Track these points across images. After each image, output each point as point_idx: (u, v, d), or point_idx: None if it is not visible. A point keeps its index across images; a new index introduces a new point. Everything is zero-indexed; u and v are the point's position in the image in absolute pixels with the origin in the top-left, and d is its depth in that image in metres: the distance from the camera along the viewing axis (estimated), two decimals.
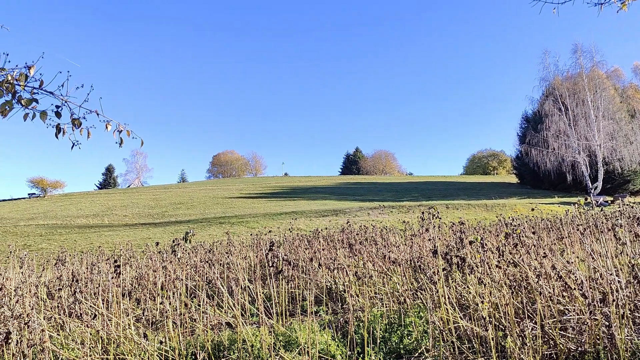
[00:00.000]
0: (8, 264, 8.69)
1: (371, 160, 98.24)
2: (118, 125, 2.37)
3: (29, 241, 17.74)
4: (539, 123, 36.29)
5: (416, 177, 74.72)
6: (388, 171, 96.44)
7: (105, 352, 3.65)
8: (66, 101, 2.22)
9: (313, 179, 67.02)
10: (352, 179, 68.08)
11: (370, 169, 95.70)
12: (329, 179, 69.06)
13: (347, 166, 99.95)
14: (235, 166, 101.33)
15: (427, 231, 6.02)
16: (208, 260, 7.23)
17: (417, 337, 3.68)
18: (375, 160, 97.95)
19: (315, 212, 21.44)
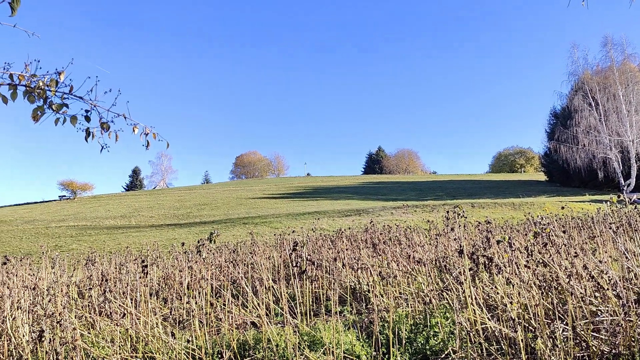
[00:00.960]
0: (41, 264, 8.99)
1: (394, 160, 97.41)
2: (144, 128, 2.43)
3: (60, 242, 18.34)
4: (568, 119, 35.26)
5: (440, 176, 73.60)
6: (411, 170, 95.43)
7: (134, 350, 3.73)
8: (95, 105, 2.29)
9: (335, 179, 66.98)
10: (375, 178, 67.70)
11: (393, 168, 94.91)
12: (351, 178, 68.88)
13: (369, 165, 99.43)
14: (258, 167, 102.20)
15: (453, 230, 5.92)
16: (232, 260, 7.31)
17: (443, 338, 3.62)
18: (398, 159, 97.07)
19: (338, 212, 21.42)
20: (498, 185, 43.76)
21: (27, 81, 2.16)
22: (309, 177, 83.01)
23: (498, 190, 36.55)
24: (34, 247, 17.58)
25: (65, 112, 2.25)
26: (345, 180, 61.48)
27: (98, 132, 2.35)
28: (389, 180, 58.07)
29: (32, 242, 19.31)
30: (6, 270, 7.11)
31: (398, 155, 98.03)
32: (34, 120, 2.16)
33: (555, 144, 35.49)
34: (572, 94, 36.16)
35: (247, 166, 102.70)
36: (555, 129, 36.64)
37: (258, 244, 9.26)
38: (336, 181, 60.44)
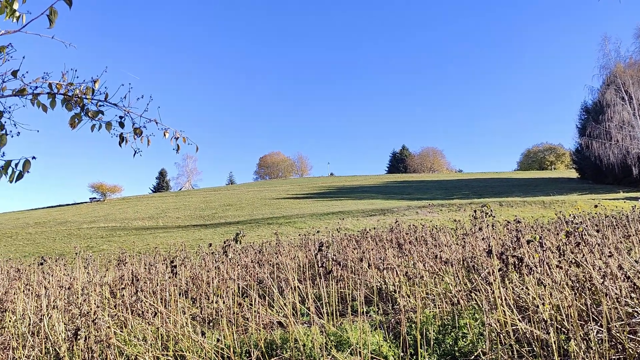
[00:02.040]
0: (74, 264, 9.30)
1: (418, 158, 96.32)
2: (175, 133, 2.49)
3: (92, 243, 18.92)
4: (600, 114, 34.09)
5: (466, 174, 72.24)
6: (436, 169, 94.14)
7: (165, 348, 3.80)
8: (128, 112, 2.36)
9: (359, 179, 66.73)
10: (399, 177, 67.10)
11: (417, 166, 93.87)
12: (375, 178, 68.50)
13: (393, 164, 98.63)
14: (282, 167, 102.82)
15: (481, 230, 5.81)
16: (258, 260, 7.38)
17: (472, 340, 3.56)
18: (423, 158, 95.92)
19: (362, 212, 21.34)
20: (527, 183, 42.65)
21: (64, 90, 2.25)
22: (332, 177, 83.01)
23: (527, 189, 35.62)
24: (67, 247, 18.20)
25: (100, 119, 2.33)
26: (369, 180, 61.17)
27: (131, 137, 2.42)
28: (414, 179, 57.46)
29: (65, 243, 20.00)
30: (42, 270, 7.40)
31: (422, 154, 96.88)
32: (71, 127, 2.25)
33: (586, 140, 34.38)
34: (603, 88, 34.94)
35: (271, 167, 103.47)
36: (587, 125, 35.50)
37: (283, 244, 9.32)
38: (360, 181, 60.21)
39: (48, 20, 1.98)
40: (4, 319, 4.79)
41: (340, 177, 78.27)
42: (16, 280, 6.33)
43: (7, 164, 1.74)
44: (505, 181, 46.37)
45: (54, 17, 1.98)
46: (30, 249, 18.92)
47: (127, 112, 2.36)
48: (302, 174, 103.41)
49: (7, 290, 5.90)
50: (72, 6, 1.92)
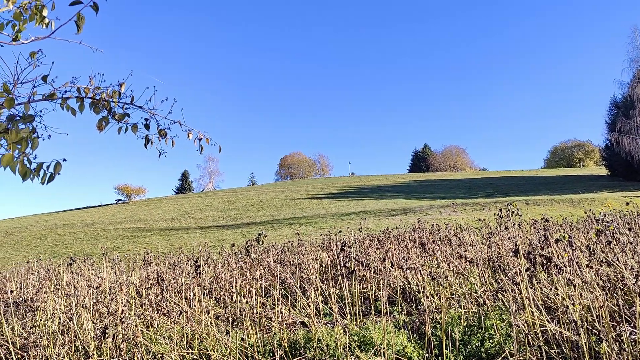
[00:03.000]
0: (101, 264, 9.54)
1: (441, 157, 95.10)
2: (198, 134, 2.52)
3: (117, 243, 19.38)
4: (630, 109, 32.96)
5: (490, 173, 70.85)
6: (459, 167, 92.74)
7: (190, 347, 3.85)
8: (153, 114, 2.41)
9: (380, 178, 66.34)
10: (421, 176, 66.38)
11: (440, 165, 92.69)
12: (397, 177, 67.97)
13: (415, 163, 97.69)
14: (302, 167, 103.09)
15: (507, 229, 5.68)
16: (280, 260, 7.41)
17: (499, 341, 3.49)
18: (445, 157, 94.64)
19: (384, 212, 21.20)
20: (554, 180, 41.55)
21: (92, 93, 2.31)
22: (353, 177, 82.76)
23: (554, 186, 34.71)
24: (94, 248, 18.70)
25: (126, 122, 2.39)
26: (391, 179, 60.75)
27: (156, 138, 2.47)
28: (436, 178, 56.77)
29: (92, 243, 20.54)
30: (71, 270, 7.61)
31: (445, 153, 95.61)
32: (99, 129, 2.31)
33: (616, 136, 33.29)
34: (634, 82, 33.78)
35: (292, 167, 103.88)
36: (617, 120, 34.38)
37: (305, 244, 9.34)
38: (381, 180, 59.85)
39: (76, 26, 2.04)
40: (35, 318, 4.95)
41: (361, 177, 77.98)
42: (46, 280, 6.54)
43: (39, 166, 1.80)
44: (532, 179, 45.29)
45: (82, 22, 2.03)
46: (59, 250, 19.51)
47: (153, 114, 2.41)
48: (323, 174, 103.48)
49: (38, 290, 6.10)
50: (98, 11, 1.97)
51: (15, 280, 7.84)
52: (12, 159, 1.68)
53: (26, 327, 4.80)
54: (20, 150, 1.70)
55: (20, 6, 2.11)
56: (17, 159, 1.70)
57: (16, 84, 2.08)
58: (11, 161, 1.67)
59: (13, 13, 2.13)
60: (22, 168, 1.73)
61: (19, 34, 2.15)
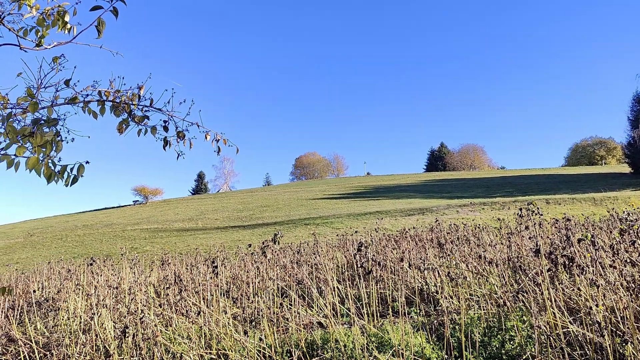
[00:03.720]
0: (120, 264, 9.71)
1: (458, 156, 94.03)
2: (215, 135, 2.55)
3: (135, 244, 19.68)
4: None
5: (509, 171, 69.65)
6: (477, 166, 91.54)
7: (208, 347, 3.89)
8: (172, 116, 2.44)
9: (396, 178, 65.95)
10: (438, 175, 65.74)
11: (457, 164, 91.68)
12: (413, 176, 67.45)
13: (431, 163, 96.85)
14: (318, 167, 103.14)
15: (527, 229, 5.58)
16: (296, 261, 7.42)
17: (520, 343, 3.43)
18: (463, 155, 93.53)
19: (400, 211, 21.07)
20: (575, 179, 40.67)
21: (112, 97, 2.35)
22: (369, 177, 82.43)
23: (576, 185, 33.97)
24: (113, 248, 19.03)
25: (146, 124, 2.43)
26: (407, 179, 60.33)
27: (174, 140, 2.50)
28: (453, 177, 56.14)
29: (111, 244, 20.91)
30: (91, 271, 7.76)
31: (462, 151, 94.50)
32: (119, 132, 2.36)
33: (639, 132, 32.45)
34: None
35: (307, 167, 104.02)
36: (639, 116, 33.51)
37: (320, 245, 9.34)
38: (397, 180, 59.49)
39: (97, 31, 2.08)
40: (57, 317, 5.06)
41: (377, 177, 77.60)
42: (67, 280, 6.68)
43: (63, 168, 1.84)
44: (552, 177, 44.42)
45: (102, 27, 2.07)
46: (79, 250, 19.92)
47: (171, 116, 2.45)
48: (338, 174, 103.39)
49: (60, 290, 6.23)
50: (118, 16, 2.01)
51: (37, 280, 8.02)
52: (37, 161, 1.72)
53: (48, 326, 4.90)
54: (45, 153, 1.74)
55: (43, 12, 2.16)
56: (42, 162, 1.74)
57: (40, 88, 2.14)
58: (36, 164, 1.72)
59: (36, 19, 2.19)
60: (47, 170, 1.77)
61: (42, 39, 2.20)
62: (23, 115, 2.09)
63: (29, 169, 1.71)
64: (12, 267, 13.53)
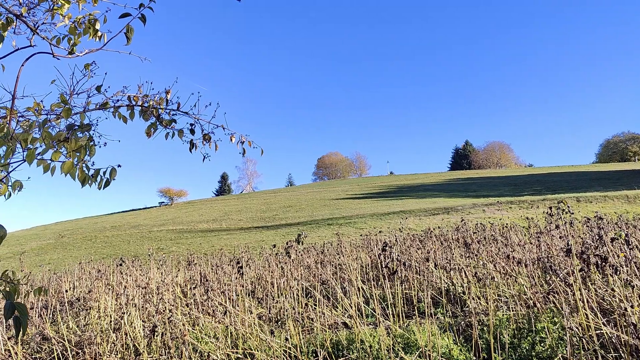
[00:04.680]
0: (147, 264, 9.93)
1: (483, 153, 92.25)
2: (240, 137, 2.59)
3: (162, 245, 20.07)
4: None
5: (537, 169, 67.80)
6: (503, 164, 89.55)
7: (234, 346, 3.93)
8: (198, 119, 2.50)
9: (420, 177, 65.20)
10: (463, 174, 64.61)
11: (482, 162, 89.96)
12: (437, 175, 66.52)
13: (456, 161, 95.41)
14: (340, 167, 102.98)
15: (557, 228, 5.43)
16: (320, 261, 7.43)
17: (551, 344, 3.34)
18: (488, 153, 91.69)
19: (424, 211, 20.83)
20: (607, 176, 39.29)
21: (140, 101, 2.42)
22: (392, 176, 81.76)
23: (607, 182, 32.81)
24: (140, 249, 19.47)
25: (173, 127, 2.49)
26: (431, 178, 59.57)
27: (200, 142, 2.56)
28: (479, 176, 55.07)
29: (138, 245, 21.40)
30: (120, 271, 7.96)
31: (488, 149, 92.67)
32: (147, 135, 2.42)
33: None
34: None
35: (329, 167, 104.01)
36: None
37: (344, 245, 9.32)
38: (421, 179, 58.82)
39: (126, 38, 2.15)
40: (89, 316, 5.21)
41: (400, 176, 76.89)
42: (98, 280, 6.88)
43: (97, 172, 1.90)
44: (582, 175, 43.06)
45: (131, 34, 2.14)
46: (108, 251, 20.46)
47: (197, 120, 2.50)
48: (361, 173, 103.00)
49: (91, 290, 6.42)
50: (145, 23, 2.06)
51: (68, 281, 8.28)
52: (72, 166, 1.78)
53: (80, 325, 5.05)
54: (79, 158, 1.81)
55: (75, 21, 2.24)
56: (76, 166, 1.80)
57: (72, 95, 2.21)
58: (71, 168, 1.78)
59: (68, 28, 2.27)
60: (82, 174, 1.83)
61: (74, 47, 2.28)
62: (57, 121, 2.18)
63: (65, 173, 1.77)
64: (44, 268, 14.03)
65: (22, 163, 1.69)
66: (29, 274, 10.02)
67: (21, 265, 13.28)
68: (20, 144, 1.69)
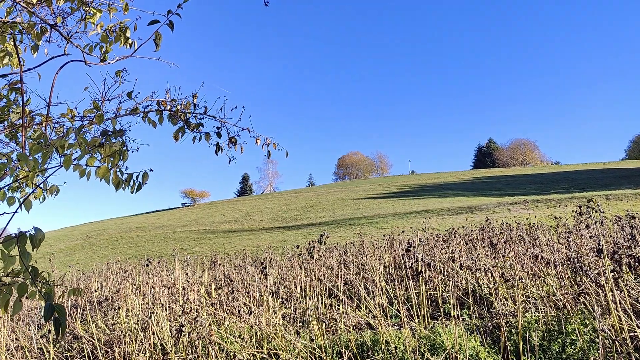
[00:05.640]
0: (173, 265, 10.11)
1: (508, 151, 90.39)
2: (266, 139, 2.62)
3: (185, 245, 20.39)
4: None
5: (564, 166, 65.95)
6: (529, 161, 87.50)
7: (259, 346, 3.97)
8: (224, 122, 2.54)
9: (442, 175, 64.37)
10: (487, 172, 63.45)
11: (507, 160, 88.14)
12: (460, 174, 65.51)
13: (479, 159, 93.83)
14: (361, 167, 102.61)
15: (588, 227, 5.28)
16: (343, 261, 7.42)
17: (582, 347, 3.26)
18: (513, 151, 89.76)
19: (447, 210, 20.56)
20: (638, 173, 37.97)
21: (168, 106, 2.48)
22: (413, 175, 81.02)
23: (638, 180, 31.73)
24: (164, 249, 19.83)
25: (200, 131, 2.54)
26: (453, 176, 58.71)
27: (225, 145, 2.60)
28: (503, 174, 53.99)
29: (162, 245, 21.80)
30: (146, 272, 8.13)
31: (512, 147, 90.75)
32: (175, 139, 2.48)
33: None
34: None
35: (350, 167, 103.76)
36: None
37: (367, 245, 9.28)
38: (443, 178, 58.06)
39: (154, 44, 2.20)
40: (117, 316, 5.34)
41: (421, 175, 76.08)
42: (125, 280, 7.04)
43: (130, 176, 1.96)
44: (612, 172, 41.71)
45: (159, 40, 2.19)
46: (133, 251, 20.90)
47: (224, 123, 2.54)
48: (382, 173, 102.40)
49: (119, 290, 6.57)
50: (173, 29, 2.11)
51: (96, 280, 8.50)
52: (107, 170, 1.85)
53: (108, 324, 5.17)
54: (113, 163, 1.87)
55: (107, 29, 2.31)
56: (110, 171, 1.87)
57: (104, 101, 2.29)
58: (106, 173, 1.85)
59: (100, 36, 2.35)
60: (116, 179, 1.90)
61: (106, 55, 2.36)
62: (89, 127, 2.25)
63: (100, 178, 1.83)
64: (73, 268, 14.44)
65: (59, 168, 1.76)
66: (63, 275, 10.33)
67: (51, 266, 13.72)
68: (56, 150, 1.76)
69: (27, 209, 1.72)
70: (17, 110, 2.29)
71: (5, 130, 2.37)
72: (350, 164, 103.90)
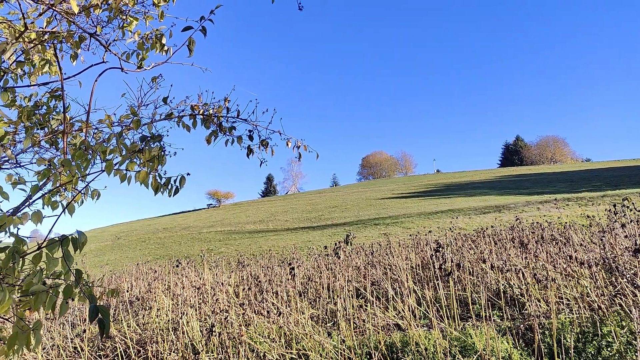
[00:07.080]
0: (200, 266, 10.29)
1: (536, 149, 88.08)
2: (296, 142, 2.65)
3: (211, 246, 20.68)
4: None
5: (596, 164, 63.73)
6: (558, 159, 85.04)
7: (288, 346, 4.01)
8: (256, 125, 2.59)
9: (468, 174, 63.22)
10: (514, 170, 61.97)
11: (535, 158, 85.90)
12: (486, 172, 64.21)
13: (506, 157, 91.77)
14: (385, 166, 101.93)
15: (623, 226, 5.10)
16: (369, 262, 7.40)
17: (619, 349, 3.16)
18: (542, 148, 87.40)
19: (474, 209, 20.20)
20: None
21: (201, 110, 2.55)
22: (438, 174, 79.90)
23: None
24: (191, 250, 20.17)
25: (232, 134, 2.59)
26: (480, 175, 57.60)
27: (256, 148, 2.65)
28: (532, 172, 52.64)
29: (189, 246, 22.18)
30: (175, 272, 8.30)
31: (541, 144, 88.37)
32: (207, 142, 2.54)
33: None
34: None
35: (374, 166, 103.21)
36: None
37: (393, 245, 9.22)
38: (469, 176, 57.04)
39: (188, 50, 2.27)
40: (148, 315, 5.48)
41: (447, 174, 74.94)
42: (156, 281, 7.21)
43: (168, 180, 2.03)
44: None
45: (193, 46, 2.26)
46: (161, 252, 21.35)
47: (255, 126, 2.59)
48: (407, 172, 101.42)
49: (149, 290, 6.73)
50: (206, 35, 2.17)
51: (126, 280, 8.71)
52: (146, 175, 1.92)
53: (139, 324, 5.30)
54: (152, 167, 1.94)
55: (143, 37, 2.40)
56: (149, 175, 1.94)
57: (140, 106, 2.37)
58: (146, 177, 1.92)
59: (137, 43, 2.44)
60: (155, 183, 1.97)
61: (143, 61, 2.45)
62: (126, 132, 2.33)
63: (140, 182, 1.91)
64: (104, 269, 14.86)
65: (101, 173, 1.84)
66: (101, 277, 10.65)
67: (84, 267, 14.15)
68: (99, 156, 1.84)
69: (70, 213, 1.80)
70: (57, 117, 2.40)
71: (46, 136, 2.48)
72: (374, 164, 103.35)
